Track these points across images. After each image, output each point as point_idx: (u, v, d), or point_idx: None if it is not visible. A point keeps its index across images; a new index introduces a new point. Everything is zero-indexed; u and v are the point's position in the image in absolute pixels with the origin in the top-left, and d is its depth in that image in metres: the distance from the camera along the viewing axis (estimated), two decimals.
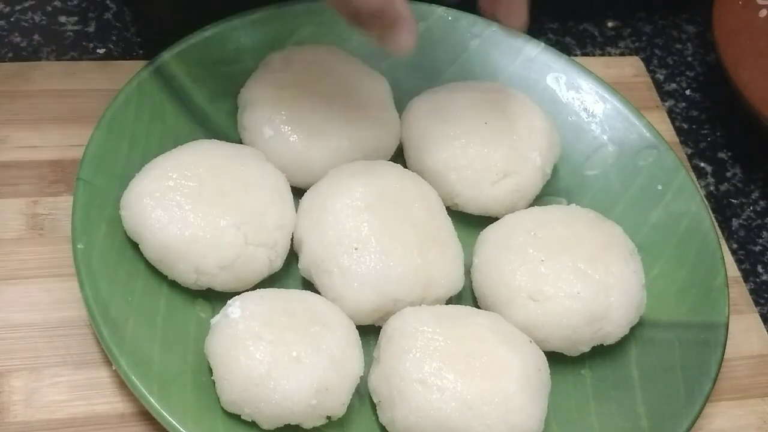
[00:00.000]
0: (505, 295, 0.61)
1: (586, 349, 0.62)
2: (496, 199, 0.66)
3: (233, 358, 0.54)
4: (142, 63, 0.67)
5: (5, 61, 0.71)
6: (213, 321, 0.57)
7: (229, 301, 0.57)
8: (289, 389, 0.54)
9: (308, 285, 0.61)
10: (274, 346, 0.55)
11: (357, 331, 0.58)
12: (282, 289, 0.59)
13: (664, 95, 0.82)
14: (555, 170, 0.69)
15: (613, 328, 0.61)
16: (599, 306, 0.60)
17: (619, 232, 0.64)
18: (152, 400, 0.54)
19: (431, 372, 0.56)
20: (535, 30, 0.83)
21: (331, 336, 0.56)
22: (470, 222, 0.67)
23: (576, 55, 0.82)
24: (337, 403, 0.56)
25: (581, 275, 0.61)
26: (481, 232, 0.65)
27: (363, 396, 0.58)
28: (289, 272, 0.62)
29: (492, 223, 0.65)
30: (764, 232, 0.76)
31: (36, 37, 0.74)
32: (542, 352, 0.60)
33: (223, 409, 0.55)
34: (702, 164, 0.79)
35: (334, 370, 0.55)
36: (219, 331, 0.56)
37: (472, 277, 0.64)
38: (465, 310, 0.60)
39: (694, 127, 0.82)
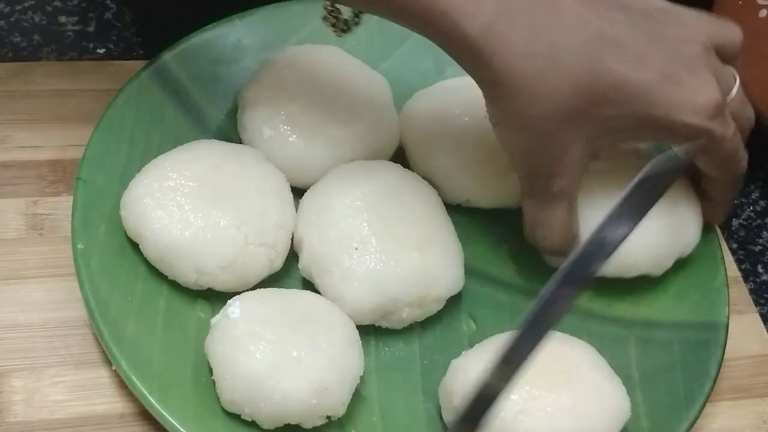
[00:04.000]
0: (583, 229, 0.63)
1: (670, 264, 0.65)
2: (509, 190, 0.66)
3: (233, 358, 0.54)
4: (142, 63, 0.67)
5: (5, 61, 0.71)
6: (213, 321, 0.57)
7: (229, 301, 0.57)
8: (290, 389, 0.54)
9: (308, 285, 0.61)
10: (274, 345, 0.55)
11: (357, 331, 0.58)
12: (282, 289, 0.59)
13: None
14: None
15: (690, 236, 0.65)
16: (674, 219, 0.64)
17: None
18: (152, 400, 0.54)
19: (524, 399, 0.55)
20: None
21: (331, 336, 0.56)
22: (473, 220, 0.67)
23: None
24: (337, 402, 0.56)
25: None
26: None
27: (363, 396, 0.58)
28: (289, 272, 0.62)
29: (498, 217, 0.66)
30: (764, 232, 0.76)
31: (36, 37, 0.74)
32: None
33: (223, 409, 0.55)
34: None
35: (334, 370, 0.55)
36: (219, 331, 0.56)
37: None
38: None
39: None
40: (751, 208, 0.77)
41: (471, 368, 0.56)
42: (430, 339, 0.62)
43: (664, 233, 0.63)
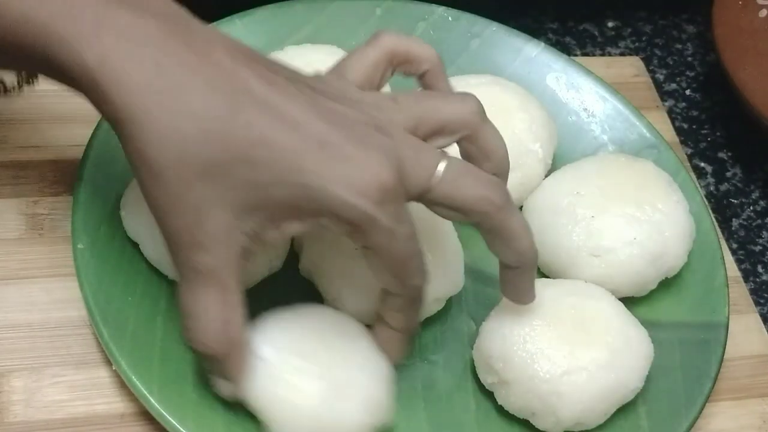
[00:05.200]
0: (567, 258, 0.63)
1: (654, 286, 0.64)
2: None
3: (283, 398, 0.53)
4: None
5: None
6: None
7: (255, 343, 0.54)
8: (348, 412, 0.53)
9: (308, 285, 0.61)
10: (319, 373, 0.54)
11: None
12: (289, 308, 0.57)
13: (664, 95, 0.82)
14: (554, 163, 0.69)
15: (674, 260, 0.64)
16: (657, 244, 0.63)
17: (651, 168, 0.67)
18: (152, 400, 0.54)
19: (566, 359, 0.57)
20: (535, 30, 0.83)
21: (359, 346, 0.56)
22: None
23: (576, 55, 0.82)
24: (388, 412, 0.55)
25: (633, 221, 0.63)
26: (524, 202, 0.67)
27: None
28: (289, 272, 0.62)
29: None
30: (764, 232, 0.76)
31: None
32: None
33: (223, 408, 0.55)
34: (702, 164, 0.79)
35: (377, 381, 0.55)
36: (257, 376, 0.54)
37: None
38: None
39: (694, 127, 0.82)
40: (751, 208, 0.77)
41: (505, 329, 0.58)
42: (430, 339, 0.62)
43: (647, 259, 0.63)
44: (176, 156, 0.48)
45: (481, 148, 0.55)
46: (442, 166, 0.51)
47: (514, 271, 0.56)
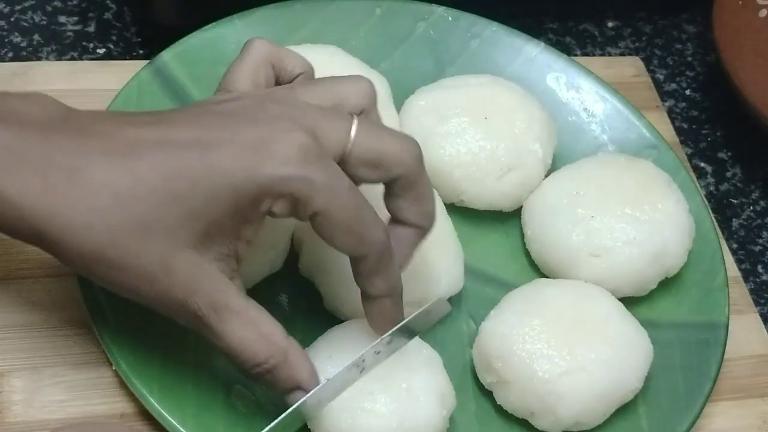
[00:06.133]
0: (567, 258, 0.63)
1: (654, 286, 0.64)
2: (502, 193, 0.66)
3: (360, 425, 0.53)
4: (142, 63, 0.67)
5: (5, 61, 0.71)
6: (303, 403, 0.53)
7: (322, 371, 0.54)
8: (424, 416, 0.54)
9: (308, 284, 0.61)
10: (380, 388, 0.54)
11: None
12: (331, 333, 0.57)
13: (664, 95, 0.82)
14: (554, 163, 0.69)
15: (674, 260, 0.64)
16: (656, 244, 0.63)
17: (651, 168, 0.67)
18: (152, 400, 0.54)
19: (565, 359, 0.57)
20: (535, 30, 0.83)
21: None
22: (472, 221, 0.67)
23: (576, 55, 0.82)
24: (452, 395, 0.57)
25: (632, 220, 0.63)
26: (524, 202, 0.66)
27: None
28: (289, 272, 0.62)
29: (499, 217, 0.67)
30: (764, 232, 0.76)
31: (36, 37, 0.74)
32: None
33: (223, 408, 0.55)
34: (702, 164, 0.79)
35: (434, 372, 0.56)
36: (325, 412, 0.53)
37: (529, 247, 0.66)
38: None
39: (694, 127, 0.82)
40: (751, 208, 0.77)
41: (505, 328, 0.58)
42: (430, 339, 0.62)
43: (647, 259, 0.63)
44: (109, 236, 0.48)
45: (375, 122, 0.55)
46: (354, 124, 0.51)
47: (370, 263, 0.52)
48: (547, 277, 0.65)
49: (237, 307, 0.50)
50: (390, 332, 0.54)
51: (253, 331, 0.51)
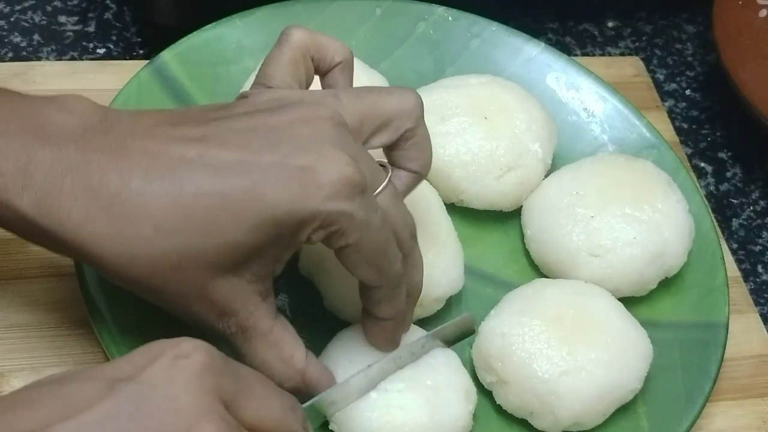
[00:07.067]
0: (567, 258, 0.63)
1: (654, 286, 0.64)
2: (502, 193, 0.66)
3: (394, 424, 0.54)
4: (142, 63, 0.67)
5: (5, 61, 0.71)
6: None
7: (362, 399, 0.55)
8: (450, 408, 0.55)
9: (308, 284, 0.61)
10: (407, 386, 0.55)
11: None
12: (342, 336, 0.58)
13: (664, 95, 0.82)
14: (554, 163, 0.69)
15: (674, 260, 0.64)
16: (656, 244, 0.63)
17: (651, 168, 0.67)
18: None
19: (565, 359, 0.57)
20: (535, 30, 0.83)
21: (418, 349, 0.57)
22: (472, 221, 0.67)
23: (576, 55, 0.82)
24: (475, 395, 0.57)
25: (632, 220, 0.63)
26: (524, 202, 0.66)
27: None
28: (289, 272, 0.62)
29: (498, 217, 0.67)
30: (764, 232, 0.76)
31: (36, 37, 0.74)
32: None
33: None
34: (702, 164, 0.79)
35: (455, 369, 0.56)
36: (353, 412, 0.54)
37: (529, 247, 0.66)
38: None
39: (694, 127, 0.82)
40: (751, 208, 0.77)
41: (504, 328, 0.58)
42: None
43: (647, 259, 0.63)
44: (150, 266, 0.48)
45: (417, 144, 0.54)
46: (385, 181, 0.51)
47: (386, 293, 0.53)
48: (547, 277, 0.65)
49: (263, 329, 0.51)
50: (426, 335, 0.57)
51: (275, 355, 0.52)
